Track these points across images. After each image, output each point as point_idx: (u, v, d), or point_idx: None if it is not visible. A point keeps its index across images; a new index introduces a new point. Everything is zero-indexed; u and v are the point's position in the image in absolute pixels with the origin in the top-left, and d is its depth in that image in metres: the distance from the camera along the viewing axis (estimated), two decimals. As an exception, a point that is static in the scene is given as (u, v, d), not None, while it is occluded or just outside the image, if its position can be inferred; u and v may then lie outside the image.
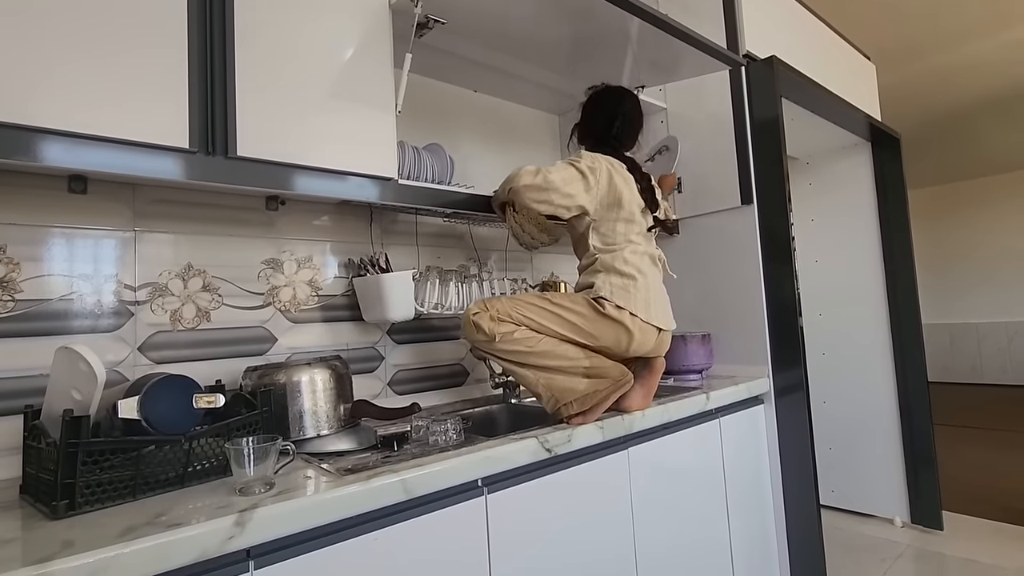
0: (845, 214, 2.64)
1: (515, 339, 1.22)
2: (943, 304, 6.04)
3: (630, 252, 1.32)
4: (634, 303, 1.27)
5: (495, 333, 1.21)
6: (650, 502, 1.34)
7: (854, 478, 2.56)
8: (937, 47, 3.28)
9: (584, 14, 1.33)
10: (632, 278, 1.29)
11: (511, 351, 1.22)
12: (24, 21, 0.84)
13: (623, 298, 1.27)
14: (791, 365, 1.73)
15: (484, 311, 1.24)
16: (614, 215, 1.33)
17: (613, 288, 1.28)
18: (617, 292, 1.27)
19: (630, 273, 1.29)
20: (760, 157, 1.80)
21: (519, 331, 1.23)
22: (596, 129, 1.47)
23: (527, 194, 1.27)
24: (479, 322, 1.22)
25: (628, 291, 1.28)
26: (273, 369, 1.14)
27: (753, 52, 1.85)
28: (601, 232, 1.35)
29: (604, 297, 1.27)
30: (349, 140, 1.19)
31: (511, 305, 1.25)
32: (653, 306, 1.31)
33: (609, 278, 1.30)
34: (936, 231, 6.08)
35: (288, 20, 1.12)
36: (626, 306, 1.26)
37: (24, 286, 1.05)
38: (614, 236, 1.34)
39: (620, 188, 1.33)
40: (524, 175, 1.29)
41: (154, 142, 0.95)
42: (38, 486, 0.83)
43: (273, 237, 1.37)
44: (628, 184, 1.36)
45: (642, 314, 1.27)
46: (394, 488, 0.89)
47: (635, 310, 1.27)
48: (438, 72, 1.68)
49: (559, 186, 1.27)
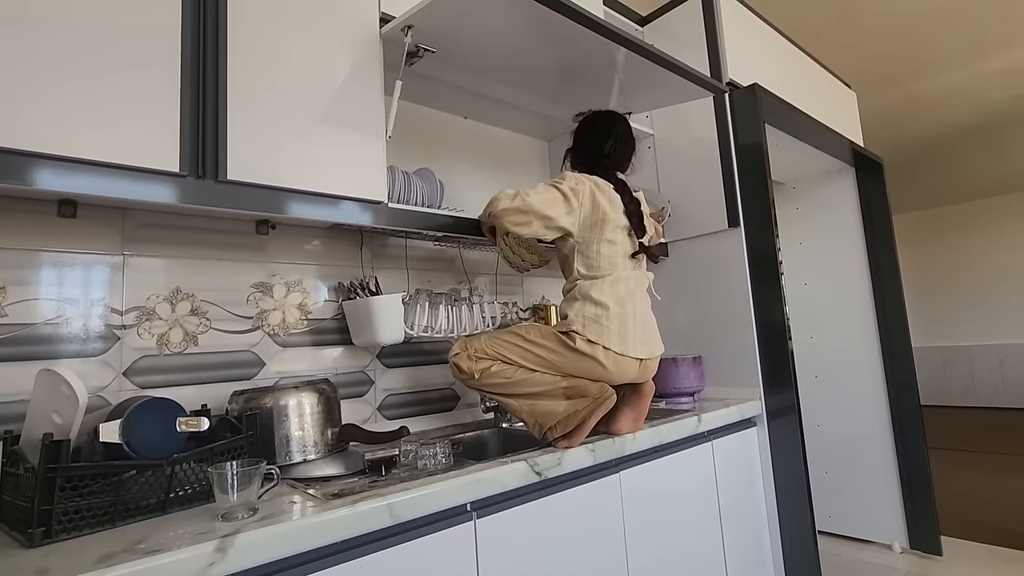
0: (832, 237, 2.68)
1: (492, 373, 1.26)
2: (934, 327, 6.08)
3: (611, 280, 1.30)
4: (607, 336, 1.24)
5: (474, 371, 1.26)
6: (643, 526, 1.32)
7: (851, 503, 2.53)
8: (915, 76, 3.38)
9: (571, 43, 1.36)
10: (606, 307, 1.26)
11: (492, 384, 1.27)
12: (15, 45, 0.85)
13: (595, 331, 1.25)
14: (783, 387, 1.73)
15: (463, 351, 1.29)
16: (597, 236, 1.32)
17: (586, 321, 1.26)
18: (589, 325, 1.25)
19: (604, 303, 1.27)
20: (746, 181, 1.83)
21: (495, 365, 1.26)
22: (589, 153, 1.48)
23: (506, 218, 1.28)
24: (459, 363, 1.28)
25: (600, 323, 1.25)
26: (260, 393, 1.13)
27: (736, 80, 1.90)
28: (585, 255, 1.33)
29: (576, 331, 1.25)
30: (340, 165, 1.20)
31: (488, 343, 1.29)
32: (631, 336, 1.27)
33: (584, 308, 1.28)
34: (923, 255, 6.16)
35: (280, 47, 1.15)
36: (598, 340, 1.24)
37: (9, 310, 1.04)
38: (598, 260, 1.32)
39: (604, 208, 1.32)
40: (503, 199, 1.30)
41: (144, 166, 0.95)
42: (14, 513, 0.81)
43: (263, 261, 1.37)
44: (613, 204, 1.35)
45: (616, 347, 1.25)
46: (381, 512, 0.88)
47: (608, 343, 1.24)
48: (428, 99, 1.71)
49: (538, 208, 1.28)
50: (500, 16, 1.24)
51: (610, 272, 1.31)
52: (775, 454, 1.74)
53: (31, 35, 0.87)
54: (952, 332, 6.05)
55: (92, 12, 0.93)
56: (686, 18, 2.02)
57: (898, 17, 2.76)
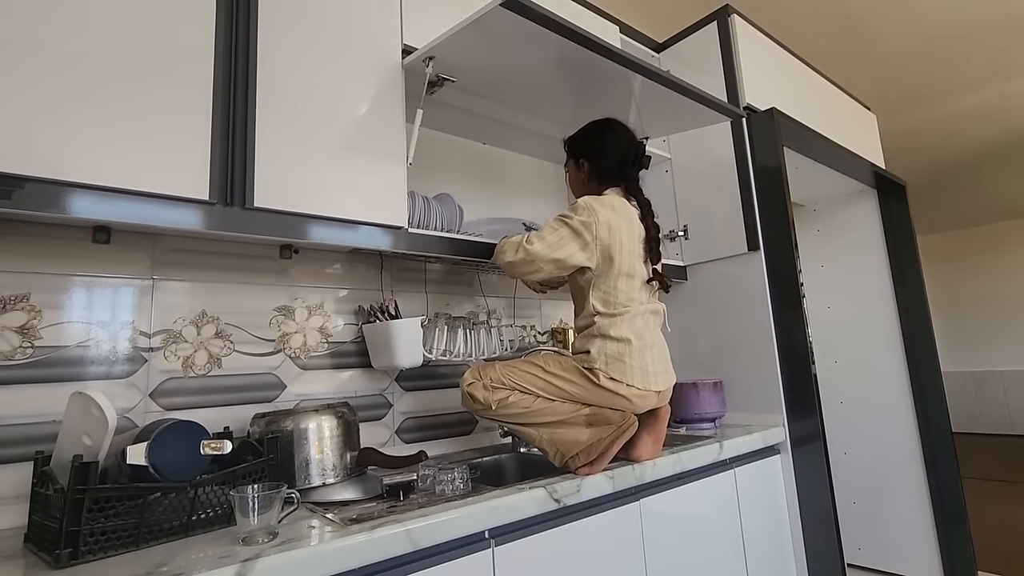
0: (855, 260, 2.64)
1: (510, 403, 1.22)
2: (965, 351, 5.89)
3: (629, 318, 1.26)
4: (630, 374, 1.22)
5: (491, 402, 1.22)
6: (664, 556, 1.29)
7: (881, 535, 2.44)
8: (937, 98, 3.35)
9: (589, 71, 1.39)
10: (628, 342, 1.24)
11: (510, 414, 1.23)
12: (55, 82, 0.90)
13: (618, 369, 1.22)
14: (807, 414, 1.69)
15: (477, 380, 1.25)
16: (615, 269, 1.27)
17: (608, 359, 1.23)
18: (612, 364, 1.22)
19: (626, 338, 1.24)
20: (765, 204, 1.82)
21: (513, 395, 1.23)
22: (608, 163, 1.39)
23: (513, 271, 1.27)
24: (474, 393, 1.24)
25: (623, 360, 1.23)
26: (281, 416, 1.14)
27: (753, 104, 1.91)
28: (602, 289, 1.28)
29: (599, 368, 1.23)
30: (362, 191, 1.23)
31: (504, 372, 1.25)
32: (651, 370, 1.26)
33: (605, 346, 1.24)
34: (951, 277, 6.01)
35: (307, 78, 1.19)
36: (621, 378, 1.22)
37: (43, 332, 1.07)
38: (615, 295, 1.27)
39: (621, 237, 1.27)
40: (507, 250, 1.27)
41: (176, 194, 0.99)
42: (42, 534, 0.82)
43: (286, 285, 1.40)
44: (631, 229, 1.30)
45: (639, 383, 1.23)
46: (399, 539, 0.87)
47: (632, 380, 1.22)
48: (448, 126, 1.75)
49: (544, 254, 1.25)
50: (520, 47, 1.27)
51: (627, 307, 1.27)
52: (800, 483, 1.70)
53: (69, 73, 0.91)
54: (984, 356, 5.85)
55: (127, 45, 0.97)
56: (702, 44, 2.04)
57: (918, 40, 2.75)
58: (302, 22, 1.20)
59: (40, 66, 0.88)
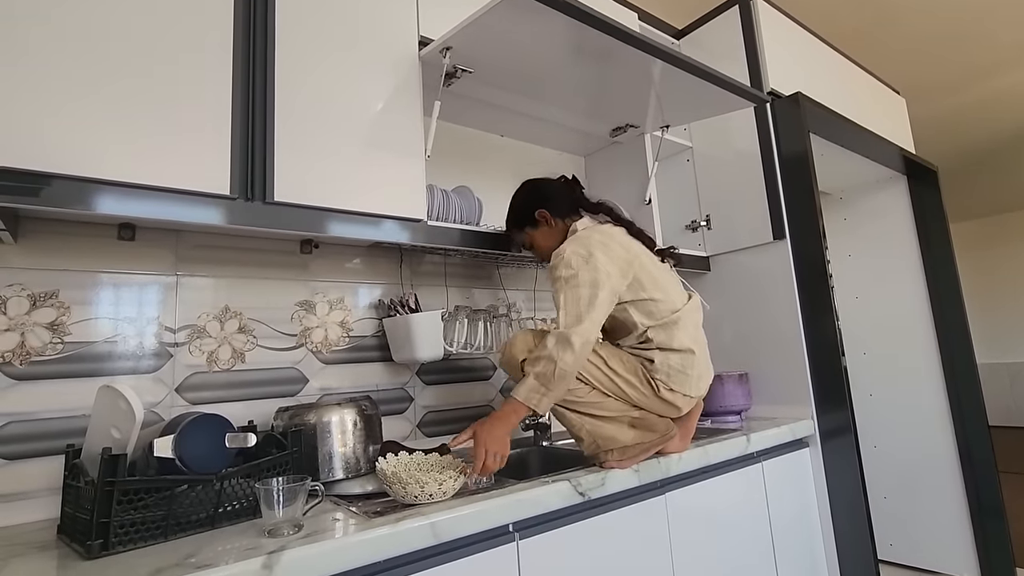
0: (884, 248, 2.56)
1: None
2: (1000, 342, 5.69)
3: (683, 324, 1.22)
4: (689, 384, 1.21)
5: (556, 358, 1.08)
6: (691, 550, 1.27)
7: (914, 530, 2.37)
8: (968, 81, 3.23)
9: (607, 58, 1.36)
10: (691, 352, 1.21)
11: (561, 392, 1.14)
12: (81, 82, 0.91)
13: (679, 381, 1.20)
14: (836, 406, 1.65)
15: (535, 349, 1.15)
16: (635, 276, 1.22)
17: (671, 371, 1.20)
18: (675, 376, 1.20)
19: (688, 348, 1.21)
20: (791, 192, 1.78)
21: None
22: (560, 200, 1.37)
23: (581, 362, 1.12)
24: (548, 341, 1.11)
25: (686, 372, 1.20)
26: (304, 409, 1.15)
27: (778, 89, 1.86)
28: (637, 303, 1.22)
29: (660, 380, 1.20)
30: (381, 184, 1.23)
31: None
32: (704, 376, 1.25)
33: (668, 359, 1.20)
34: (984, 265, 5.81)
35: (325, 72, 1.19)
36: (680, 389, 1.20)
37: (72, 328, 1.09)
38: (655, 305, 1.22)
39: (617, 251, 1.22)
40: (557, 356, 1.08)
41: (199, 190, 1.00)
42: (74, 526, 0.84)
43: (307, 279, 1.41)
44: (615, 236, 1.27)
45: (693, 392, 1.22)
46: (423, 532, 0.87)
47: (688, 391, 1.21)
48: (465, 118, 1.74)
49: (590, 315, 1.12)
50: (538, 35, 1.25)
51: (676, 312, 1.23)
52: (830, 477, 1.65)
53: (98, 74, 0.92)
54: (1020, 347, 5.67)
55: (151, 47, 0.98)
56: (723, 30, 2.00)
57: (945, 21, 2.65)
58: (318, 16, 1.20)
59: (68, 68, 0.89)
